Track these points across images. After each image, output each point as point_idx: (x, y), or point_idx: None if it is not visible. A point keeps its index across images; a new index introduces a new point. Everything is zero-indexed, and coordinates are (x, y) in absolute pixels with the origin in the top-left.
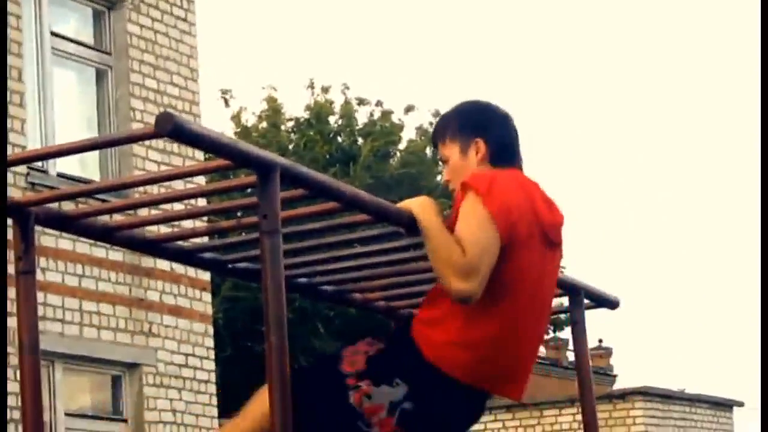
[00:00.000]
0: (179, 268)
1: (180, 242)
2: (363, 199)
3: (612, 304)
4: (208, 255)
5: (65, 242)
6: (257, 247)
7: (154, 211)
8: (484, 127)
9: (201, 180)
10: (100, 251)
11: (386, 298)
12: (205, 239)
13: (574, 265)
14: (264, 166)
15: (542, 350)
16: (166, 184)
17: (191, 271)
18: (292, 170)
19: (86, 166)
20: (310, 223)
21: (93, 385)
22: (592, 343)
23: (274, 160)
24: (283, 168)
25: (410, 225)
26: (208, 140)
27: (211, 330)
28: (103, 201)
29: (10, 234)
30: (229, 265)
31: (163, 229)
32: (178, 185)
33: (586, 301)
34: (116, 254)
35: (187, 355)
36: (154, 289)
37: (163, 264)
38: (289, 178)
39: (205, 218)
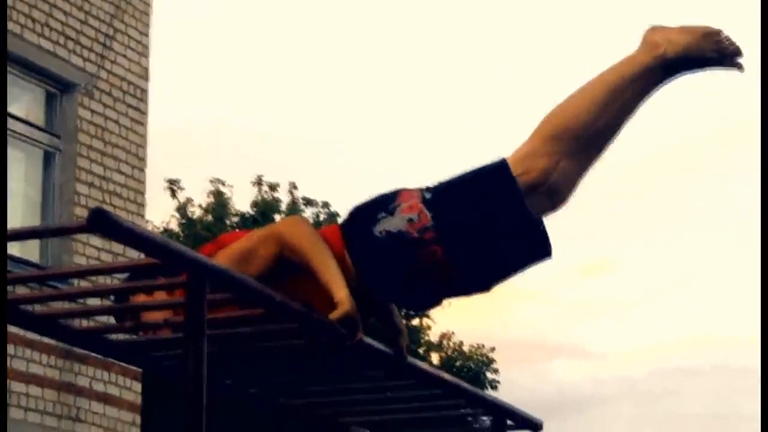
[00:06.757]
0: None
1: (108, 335)
2: (291, 308)
3: (535, 426)
4: (134, 349)
5: None
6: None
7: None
8: None
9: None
10: (33, 333)
11: (311, 405)
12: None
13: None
14: (194, 268)
15: None
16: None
17: None
18: (222, 274)
19: (26, 246)
20: (242, 326)
21: None
22: None
23: (204, 264)
24: (213, 272)
25: (337, 338)
26: (139, 239)
27: (138, 419)
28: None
29: None
30: (155, 362)
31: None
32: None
33: (509, 422)
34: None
35: None
36: (84, 375)
37: None
38: (218, 281)
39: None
